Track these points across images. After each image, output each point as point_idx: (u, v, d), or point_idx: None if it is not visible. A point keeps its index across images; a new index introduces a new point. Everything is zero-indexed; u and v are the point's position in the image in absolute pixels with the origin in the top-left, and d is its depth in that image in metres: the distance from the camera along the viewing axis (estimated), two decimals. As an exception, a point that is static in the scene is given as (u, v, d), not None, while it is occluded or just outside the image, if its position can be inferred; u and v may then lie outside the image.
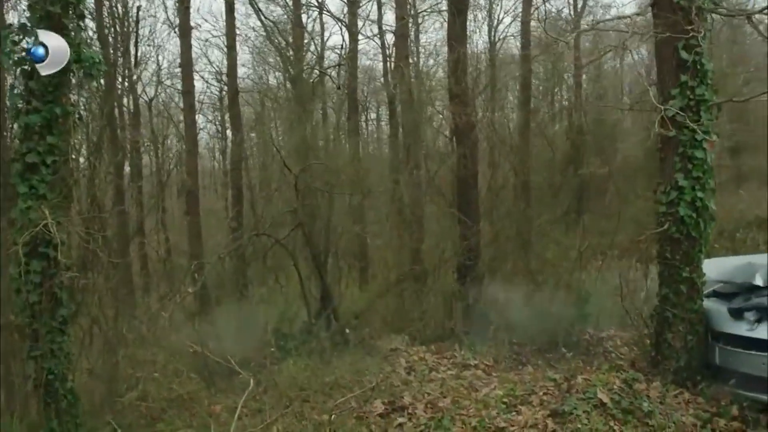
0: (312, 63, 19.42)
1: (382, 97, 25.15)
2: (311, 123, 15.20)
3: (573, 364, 8.24)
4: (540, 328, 9.03)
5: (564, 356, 8.60)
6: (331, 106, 21.52)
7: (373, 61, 27.23)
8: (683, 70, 6.55)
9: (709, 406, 6.22)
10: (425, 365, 8.05)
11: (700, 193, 6.56)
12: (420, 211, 10.62)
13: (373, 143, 26.14)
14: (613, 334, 9.73)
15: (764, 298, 6.18)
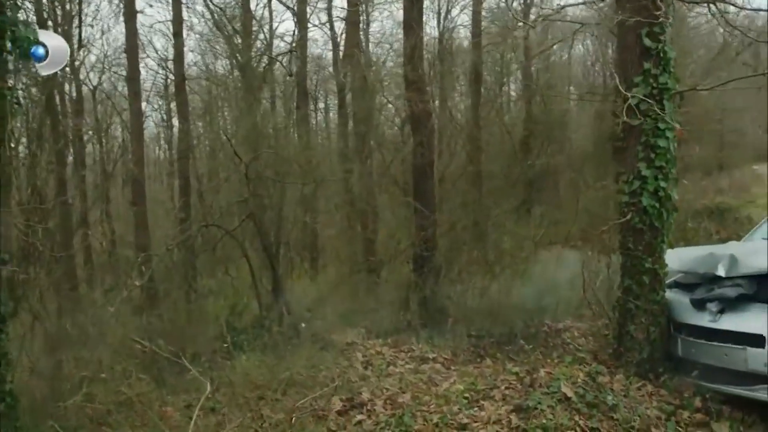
0: (261, 50, 19.02)
1: (331, 87, 24.86)
2: (260, 111, 14.86)
3: (533, 356, 8.13)
4: (498, 319, 8.90)
5: (523, 348, 8.47)
6: (279, 95, 21.14)
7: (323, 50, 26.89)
8: (646, 57, 6.44)
9: (672, 398, 6.13)
10: (383, 359, 7.86)
11: (663, 183, 6.46)
12: (373, 200, 10.39)
13: (321, 133, 25.82)
14: (569, 325, 9.67)
15: (727, 289, 6.11)
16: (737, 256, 6.18)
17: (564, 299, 9.99)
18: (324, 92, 27.38)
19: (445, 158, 11.50)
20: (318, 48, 30.79)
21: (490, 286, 9.34)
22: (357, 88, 14.86)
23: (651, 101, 6.35)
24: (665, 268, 6.60)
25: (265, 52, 18.49)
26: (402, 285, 9.29)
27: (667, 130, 6.43)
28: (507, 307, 9.04)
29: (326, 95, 27.75)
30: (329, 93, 26.71)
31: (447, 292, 9.17)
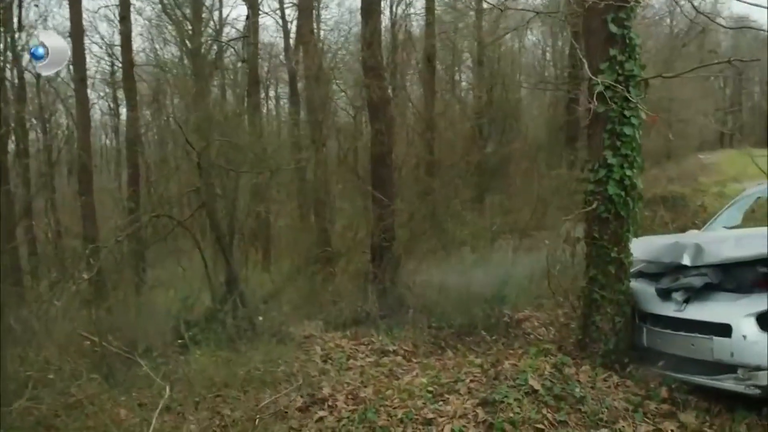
0: (212, 36, 18.58)
1: (281, 75, 24.50)
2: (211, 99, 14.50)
3: (495, 348, 8.03)
4: (458, 310, 8.77)
5: (484, 339, 8.36)
6: (229, 82, 20.75)
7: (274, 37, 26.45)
8: (612, 44, 6.34)
9: (638, 388, 6.06)
10: (342, 352, 7.65)
11: (629, 171, 6.39)
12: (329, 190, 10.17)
13: (272, 121, 25.47)
14: (529, 314, 9.60)
15: (692, 278, 6.05)
16: (702, 245, 6.13)
17: (523, 289, 9.93)
18: (275, 80, 27.03)
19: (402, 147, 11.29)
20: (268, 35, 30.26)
21: (449, 276, 9.19)
22: (311, 76, 14.57)
23: (619, 88, 6.25)
24: (630, 258, 6.53)
25: (216, 38, 18.06)
26: (360, 276, 9.09)
27: (633, 117, 6.34)
28: (467, 297, 8.90)
29: (277, 83, 27.40)
30: (280, 81, 26.36)
31: (406, 282, 9.00)
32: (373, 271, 8.93)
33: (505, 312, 8.92)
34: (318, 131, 13.62)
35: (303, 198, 13.72)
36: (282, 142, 13.45)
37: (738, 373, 5.63)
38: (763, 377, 5.47)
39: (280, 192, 13.67)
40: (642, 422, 5.58)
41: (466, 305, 8.77)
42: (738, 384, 5.63)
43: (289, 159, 12.69)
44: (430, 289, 9.03)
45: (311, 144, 12.60)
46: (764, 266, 5.81)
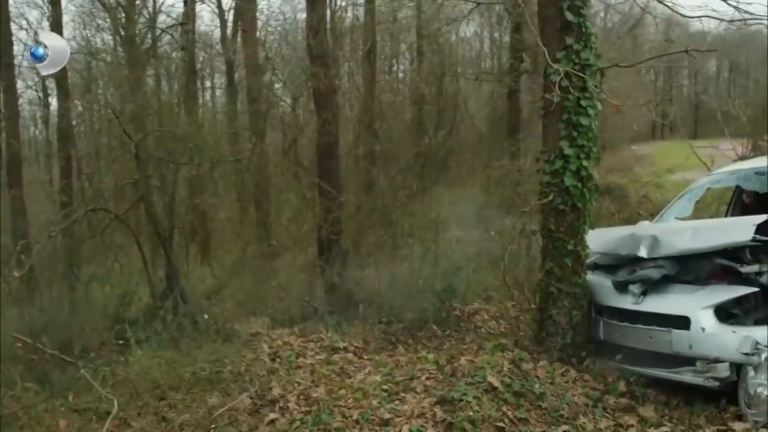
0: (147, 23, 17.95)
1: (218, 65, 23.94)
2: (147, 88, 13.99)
3: (447, 343, 7.89)
4: (407, 304, 8.59)
5: (435, 334, 8.21)
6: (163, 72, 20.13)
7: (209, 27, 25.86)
8: (568, 32, 6.22)
9: (596, 383, 5.98)
10: (291, 350, 7.37)
11: (585, 162, 6.29)
12: (274, 182, 9.85)
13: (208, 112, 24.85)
14: (478, 307, 9.50)
15: (650, 270, 5.98)
16: (659, 237, 6.07)
17: (471, 281, 9.81)
18: (210, 70, 26.40)
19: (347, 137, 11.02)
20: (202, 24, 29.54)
21: (398, 269, 9.00)
22: (251, 65, 14.17)
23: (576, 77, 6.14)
24: (587, 250, 6.44)
25: (151, 25, 17.44)
26: (307, 270, 8.82)
27: (590, 107, 6.24)
28: (416, 291, 8.73)
29: (213, 73, 26.78)
30: (216, 71, 25.76)
31: (355, 276, 8.78)
32: (320, 266, 8.67)
33: (455, 305, 8.79)
34: (259, 122, 13.28)
35: (244, 190, 13.35)
36: (222, 133, 13.03)
37: (697, 366, 5.59)
38: (722, 369, 5.44)
39: (220, 184, 13.26)
40: (602, 417, 5.50)
41: (416, 299, 8.60)
42: (697, 376, 5.59)
43: (229, 150, 12.33)
44: (379, 283, 8.82)
45: (252, 135, 12.24)
46: (721, 258, 5.77)
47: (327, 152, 8.90)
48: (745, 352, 5.31)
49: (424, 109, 19.72)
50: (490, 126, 21.90)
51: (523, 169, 16.48)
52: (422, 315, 8.43)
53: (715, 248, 5.73)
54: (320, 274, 8.69)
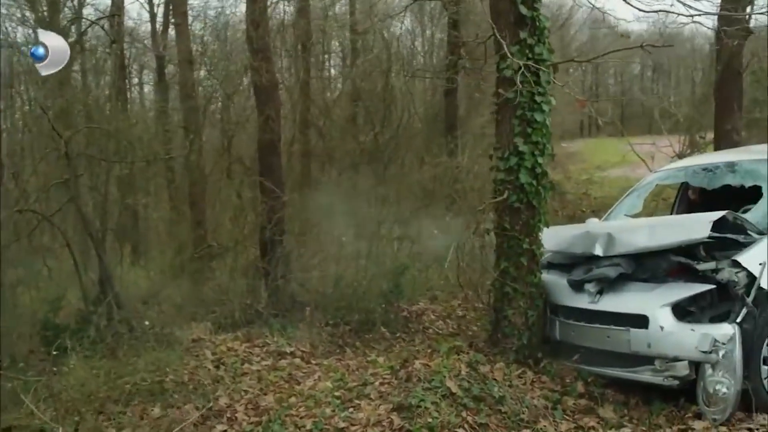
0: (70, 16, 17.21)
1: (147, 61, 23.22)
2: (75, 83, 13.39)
3: (397, 345, 7.71)
4: (353, 305, 8.36)
5: (384, 336, 8.00)
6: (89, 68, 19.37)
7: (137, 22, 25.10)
8: (521, 26, 6.08)
9: (554, 384, 5.87)
10: (236, 356, 7.06)
11: (540, 159, 6.17)
12: (215, 180, 9.48)
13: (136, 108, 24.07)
14: (424, 307, 9.36)
15: (606, 269, 5.89)
16: (614, 234, 5.99)
17: (416, 280, 9.65)
18: (139, 66, 25.61)
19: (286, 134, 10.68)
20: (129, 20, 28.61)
21: (343, 270, 8.76)
22: (184, 60, 13.70)
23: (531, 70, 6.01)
24: (542, 249, 6.32)
25: (77, 16, 16.72)
26: (249, 272, 8.49)
27: (544, 103, 6.12)
28: (363, 291, 8.50)
29: (141, 69, 25.99)
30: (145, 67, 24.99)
31: (299, 278, 8.50)
32: (263, 267, 8.35)
33: (404, 306, 8.61)
34: (193, 119, 12.84)
35: (178, 190, 12.90)
36: (157, 130, 12.52)
37: (655, 365, 5.52)
38: (681, 368, 5.39)
39: (153, 183, 12.79)
40: (563, 420, 5.38)
41: (362, 300, 8.38)
42: (656, 376, 5.52)
43: (163, 148, 11.88)
44: (324, 284, 8.56)
45: (186, 132, 11.80)
46: (678, 255, 5.72)
47: (269, 149, 8.58)
48: (704, 350, 5.27)
49: (359, 106, 19.51)
50: (428, 123, 21.82)
51: (462, 166, 16.45)
52: (369, 316, 8.21)
53: (672, 246, 5.68)
54: (263, 275, 8.37)
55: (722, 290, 5.56)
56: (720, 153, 8.33)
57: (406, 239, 10.71)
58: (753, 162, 6.88)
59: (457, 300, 9.85)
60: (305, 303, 8.35)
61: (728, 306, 5.54)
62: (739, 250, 5.74)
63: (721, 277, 5.49)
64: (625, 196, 7.77)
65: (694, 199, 7.77)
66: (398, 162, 18.73)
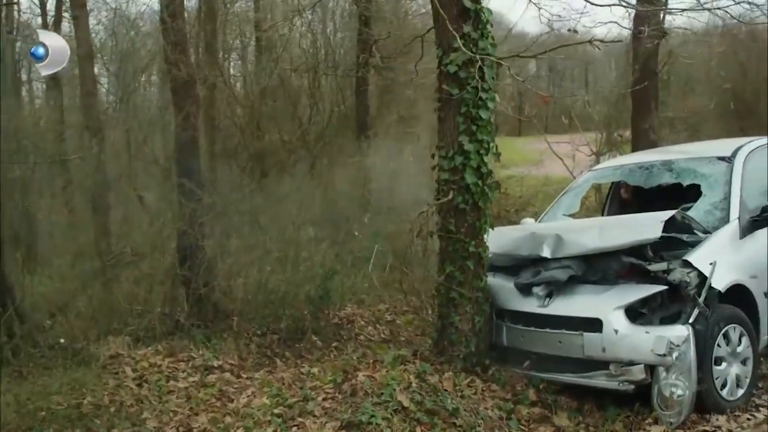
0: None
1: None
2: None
3: (330, 355, 7.34)
4: (282, 313, 7.95)
5: (315, 344, 7.61)
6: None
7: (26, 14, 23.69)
8: (465, 20, 5.82)
9: (505, 393, 5.63)
10: (159, 373, 6.51)
11: (485, 158, 5.93)
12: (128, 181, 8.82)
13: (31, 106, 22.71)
14: (352, 313, 9.03)
15: (556, 271, 5.71)
16: (562, 235, 5.81)
17: (344, 285, 9.30)
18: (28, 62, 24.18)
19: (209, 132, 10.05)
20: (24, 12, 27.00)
21: (268, 275, 8.30)
22: (85, 55, 12.86)
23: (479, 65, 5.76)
24: (487, 251, 6.08)
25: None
26: (168, 280, 7.92)
27: (489, 100, 5.88)
28: (289, 297, 8.09)
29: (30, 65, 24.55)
30: (31, 62, 23.58)
31: (222, 285, 7.99)
32: (183, 274, 7.80)
33: (334, 313, 8.25)
34: (95, 116, 12.07)
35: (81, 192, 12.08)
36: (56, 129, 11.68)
37: (610, 369, 5.37)
38: (637, 372, 5.26)
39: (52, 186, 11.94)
40: (518, 430, 5.17)
41: (289, 307, 7.97)
42: (611, 380, 5.38)
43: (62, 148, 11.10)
44: (248, 291, 8.08)
45: (93, 131, 11.04)
46: (629, 256, 5.59)
47: (188, 149, 8.04)
48: (660, 353, 5.15)
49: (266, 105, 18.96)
50: (339, 122, 21.45)
51: (375, 166, 16.18)
52: (298, 324, 7.82)
53: (624, 246, 5.55)
54: (183, 283, 7.82)
55: (671, 291, 5.47)
56: (655, 151, 8.34)
57: (326, 241, 10.34)
58: (689, 161, 6.87)
59: (384, 304, 9.57)
60: (230, 311, 7.85)
61: (677, 307, 5.46)
62: (684, 250, 5.69)
63: (673, 278, 5.40)
64: (561, 196, 7.66)
65: (627, 198, 7.73)
66: (313, 162, 18.32)
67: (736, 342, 5.54)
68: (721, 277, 5.43)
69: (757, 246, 5.99)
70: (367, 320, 8.84)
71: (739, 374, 5.55)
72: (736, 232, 5.93)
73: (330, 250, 10.10)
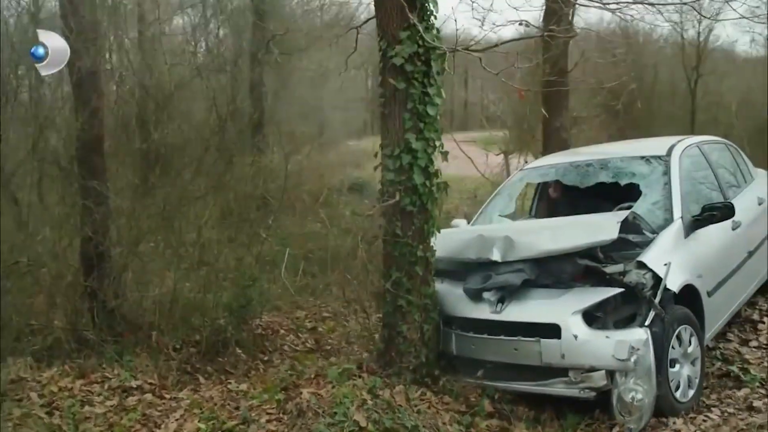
0: None
1: None
2: None
3: (258, 369, 6.84)
4: (200, 324, 7.37)
5: (239, 358, 7.08)
6: None
7: None
8: (411, 9, 5.48)
9: (459, 404, 5.34)
10: (72, 398, 5.78)
11: (433, 157, 5.61)
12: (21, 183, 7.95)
13: None
14: (270, 321, 8.55)
15: (509, 275, 5.46)
16: (513, 237, 5.57)
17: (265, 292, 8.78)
18: None
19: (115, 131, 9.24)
20: None
21: (184, 284, 7.71)
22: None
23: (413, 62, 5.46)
24: (435, 256, 5.77)
25: None
26: (73, 292, 7.19)
27: (436, 96, 5.57)
28: (207, 306, 7.53)
29: None
30: None
31: (134, 296, 7.34)
32: (89, 286, 7.09)
33: (252, 321, 7.71)
34: None
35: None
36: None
37: (570, 377, 5.17)
38: (598, 378, 5.09)
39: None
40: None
41: (208, 317, 7.40)
42: (570, 388, 5.18)
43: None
44: (163, 301, 7.45)
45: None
46: (584, 258, 5.41)
47: (92, 147, 7.30)
48: (622, 358, 4.99)
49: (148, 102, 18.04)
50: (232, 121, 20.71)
51: (271, 165, 15.68)
52: (219, 336, 7.25)
53: (579, 248, 5.36)
54: (90, 296, 7.11)
55: (625, 293, 5.33)
56: (588, 150, 8.26)
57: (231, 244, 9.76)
58: (625, 160, 6.81)
59: (302, 310, 9.15)
60: (143, 325, 7.21)
61: (631, 309, 5.34)
62: (632, 251, 5.58)
63: (629, 280, 5.27)
64: (494, 196, 7.46)
65: (556, 197, 7.61)
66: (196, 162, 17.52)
67: (687, 343, 5.48)
68: (674, 277, 5.35)
69: (701, 245, 5.97)
70: (287, 329, 8.39)
71: (690, 375, 5.50)
72: (681, 232, 5.88)
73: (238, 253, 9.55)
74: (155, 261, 8.10)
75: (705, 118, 24.50)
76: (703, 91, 19.93)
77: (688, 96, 20.04)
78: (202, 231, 8.67)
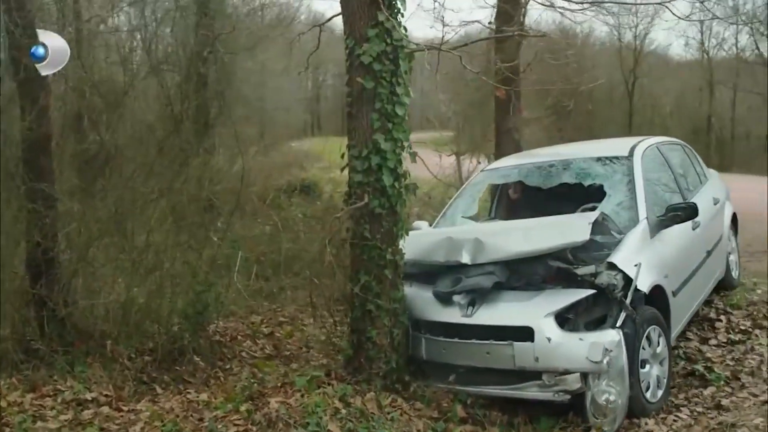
0: None
1: None
2: None
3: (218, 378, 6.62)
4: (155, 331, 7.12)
5: (197, 366, 6.85)
6: None
7: None
8: (378, 6, 5.35)
9: (431, 410, 5.24)
10: (23, 413, 5.48)
11: (401, 158, 5.50)
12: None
13: None
14: (225, 326, 8.32)
15: (479, 278, 5.38)
16: (482, 239, 5.50)
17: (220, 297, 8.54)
18: None
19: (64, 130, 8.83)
20: None
21: (137, 289, 7.43)
22: None
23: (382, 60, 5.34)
24: (403, 259, 5.65)
25: None
26: (19, 300, 6.84)
27: (404, 95, 5.46)
28: (161, 313, 7.27)
29: None
30: None
31: (85, 304, 7.03)
32: (36, 293, 6.76)
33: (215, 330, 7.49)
34: None
35: None
36: None
37: (543, 380, 5.12)
38: (573, 381, 5.05)
39: None
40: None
41: (164, 324, 7.15)
42: (545, 391, 5.14)
43: None
44: (116, 308, 7.16)
45: None
46: (555, 260, 5.37)
47: (39, 149, 6.96)
48: (596, 360, 4.96)
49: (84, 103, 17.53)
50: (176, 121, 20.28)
51: (218, 166, 15.40)
52: (176, 344, 7.00)
53: (551, 250, 5.32)
54: (37, 304, 6.78)
55: (596, 294, 5.31)
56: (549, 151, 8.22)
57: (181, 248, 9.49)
58: (588, 160, 6.80)
59: (257, 315, 8.94)
60: (95, 333, 6.90)
61: (601, 310, 5.32)
62: (600, 252, 5.57)
63: (601, 281, 5.23)
64: (456, 197, 7.38)
65: (516, 198, 7.59)
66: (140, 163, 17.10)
67: (656, 343, 5.49)
68: (643, 278, 5.35)
69: (666, 245, 6.00)
70: (244, 334, 8.17)
71: (659, 375, 5.52)
72: (647, 233, 5.89)
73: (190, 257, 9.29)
74: (106, 266, 7.79)
75: (641, 120, 25.17)
76: (639, 94, 20.36)
77: (626, 98, 20.47)
78: (152, 234, 8.41)
